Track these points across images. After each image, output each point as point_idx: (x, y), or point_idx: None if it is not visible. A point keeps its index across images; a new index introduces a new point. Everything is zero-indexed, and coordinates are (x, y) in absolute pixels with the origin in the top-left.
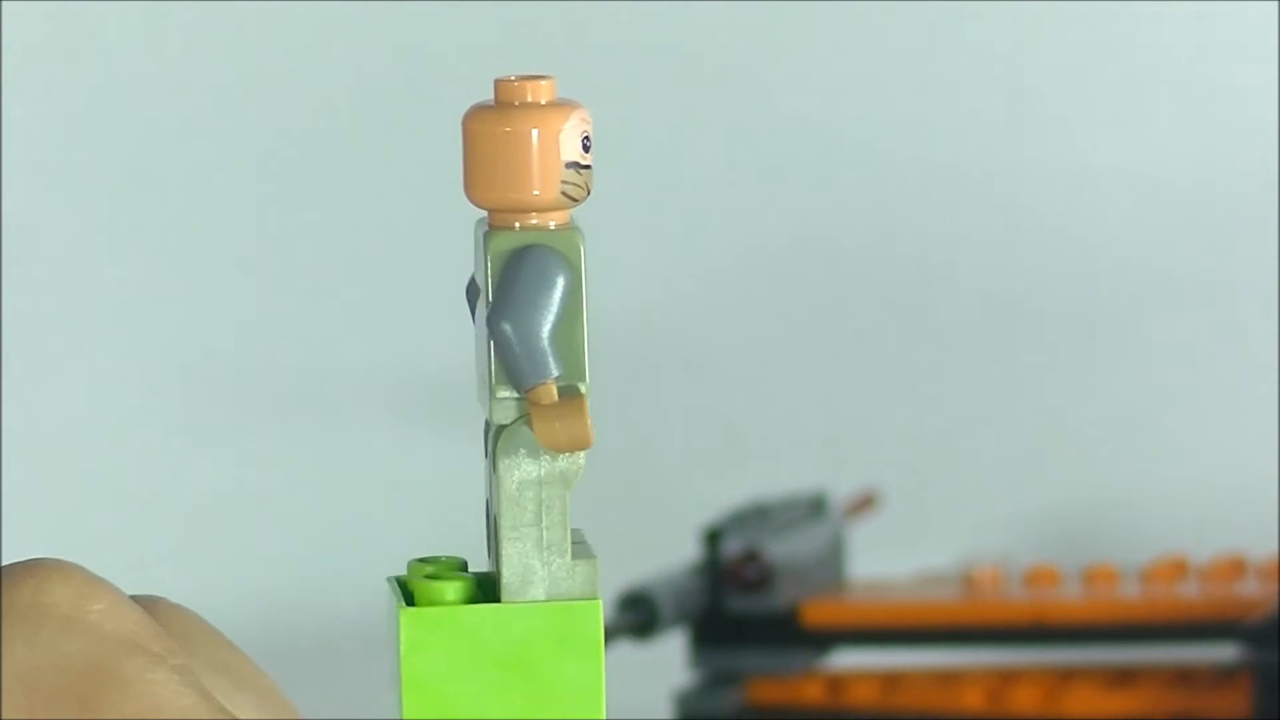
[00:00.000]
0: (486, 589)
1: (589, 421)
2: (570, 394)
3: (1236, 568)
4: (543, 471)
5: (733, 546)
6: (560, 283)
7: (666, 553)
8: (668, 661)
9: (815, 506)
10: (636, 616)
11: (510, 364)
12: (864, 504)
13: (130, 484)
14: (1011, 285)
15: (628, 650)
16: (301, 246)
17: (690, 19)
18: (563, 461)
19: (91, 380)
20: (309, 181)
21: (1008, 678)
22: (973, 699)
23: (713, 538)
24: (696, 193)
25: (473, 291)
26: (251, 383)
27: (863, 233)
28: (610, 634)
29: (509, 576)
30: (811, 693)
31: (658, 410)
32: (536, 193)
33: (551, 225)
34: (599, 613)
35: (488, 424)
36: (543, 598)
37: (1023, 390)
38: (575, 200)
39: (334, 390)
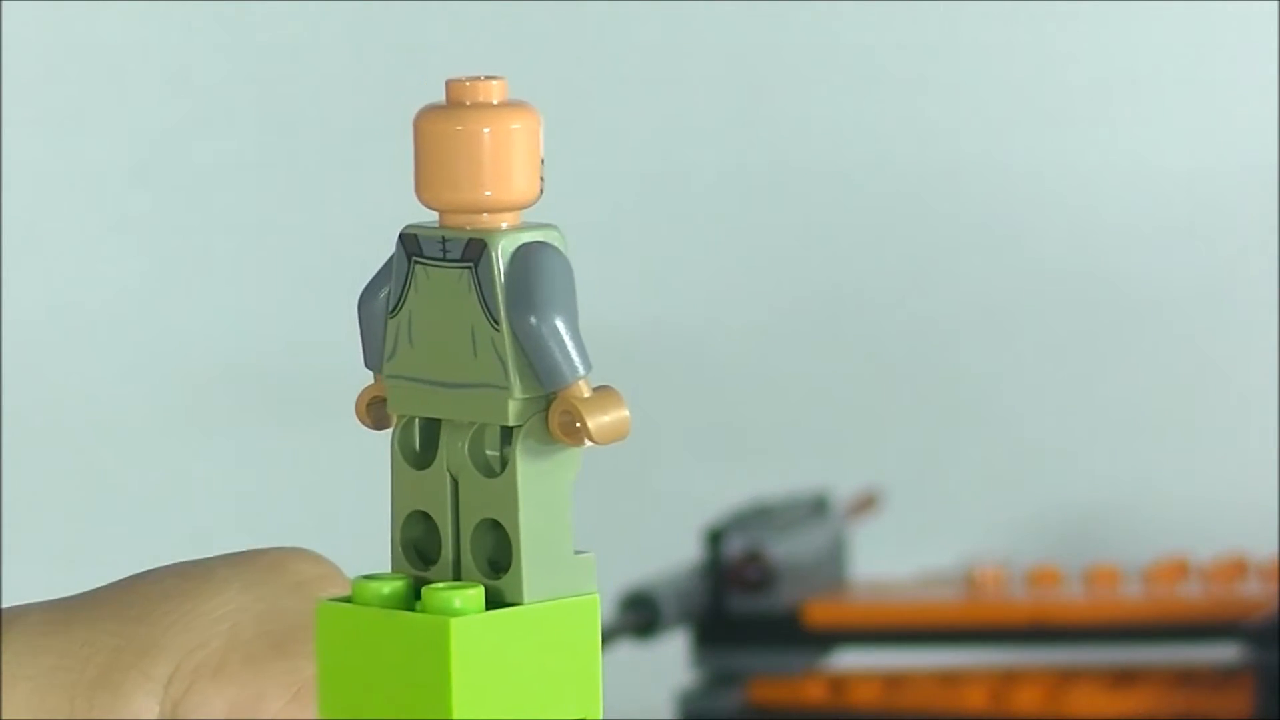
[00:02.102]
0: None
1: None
2: (599, 387)
3: (1238, 568)
4: (553, 469)
5: (734, 547)
6: (571, 278)
7: (668, 553)
8: (670, 661)
9: (817, 507)
10: (638, 616)
11: (550, 361)
12: (865, 504)
13: (130, 483)
14: (1012, 286)
15: (630, 650)
16: (302, 246)
17: (694, 22)
18: (567, 458)
19: (91, 380)
20: (311, 181)
21: (1010, 678)
22: (975, 699)
23: (715, 538)
24: (698, 195)
25: (381, 294)
26: (251, 382)
27: (863, 233)
28: (612, 634)
29: (531, 576)
30: (813, 693)
31: (659, 410)
32: (525, 190)
33: (518, 222)
34: (598, 607)
35: (441, 430)
36: (560, 595)
37: (1023, 390)
38: (541, 194)
39: (335, 389)
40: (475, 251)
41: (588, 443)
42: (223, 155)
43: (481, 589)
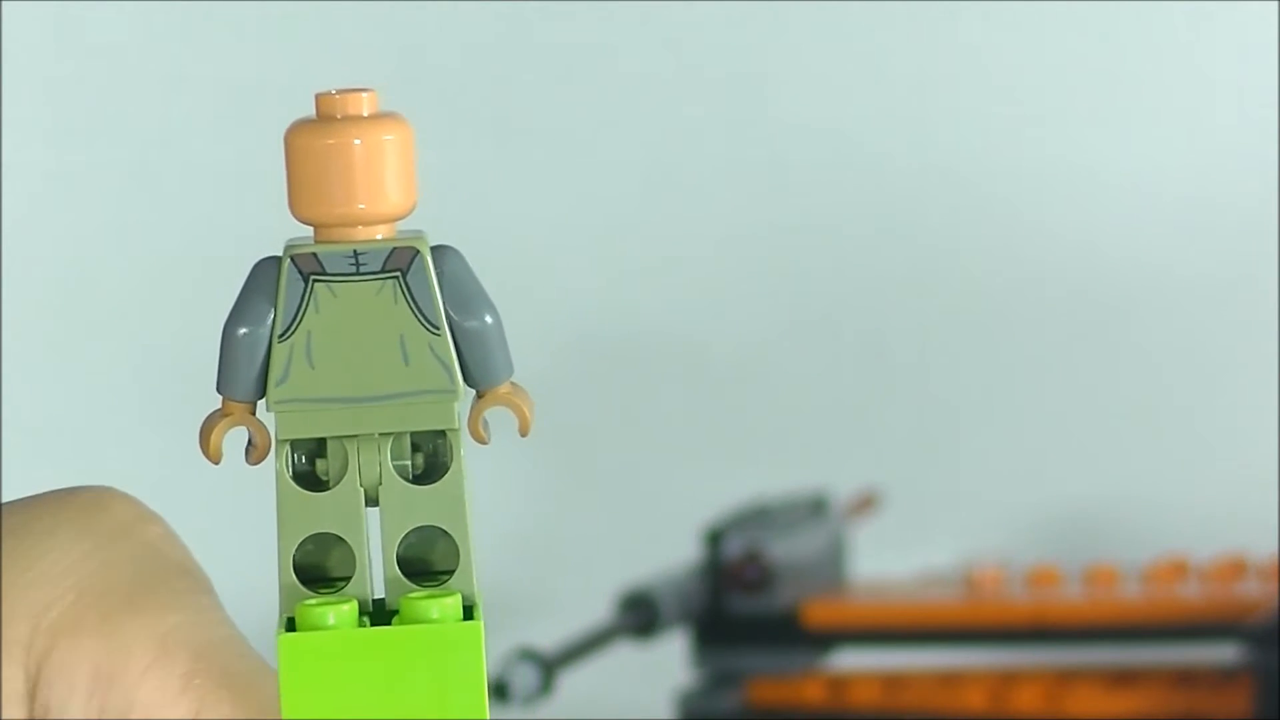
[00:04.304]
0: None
1: None
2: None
3: (1237, 568)
4: (466, 468)
5: (734, 547)
6: None
7: (668, 553)
8: (669, 662)
9: (816, 507)
10: (638, 617)
11: (493, 360)
12: (865, 504)
13: (130, 482)
14: (1012, 286)
15: (629, 650)
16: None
17: (691, 21)
18: (464, 457)
19: (92, 379)
20: None
21: (1009, 678)
22: (974, 699)
23: (714, 538)
24: (697, 193)
25: (263, 310)
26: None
27: (864, 233)
28: (612, 634)
29: (477, 576)
30: (813, 693)
31: (658, 410)
32: (402, 201)
33: (393, 233)
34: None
35: (337, 447)
36: (480, 591)
37: (1023, 390)
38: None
39: None
40: (402, 260)
41: (512, 436)
42: (223, 155)
43: (458, 595)
